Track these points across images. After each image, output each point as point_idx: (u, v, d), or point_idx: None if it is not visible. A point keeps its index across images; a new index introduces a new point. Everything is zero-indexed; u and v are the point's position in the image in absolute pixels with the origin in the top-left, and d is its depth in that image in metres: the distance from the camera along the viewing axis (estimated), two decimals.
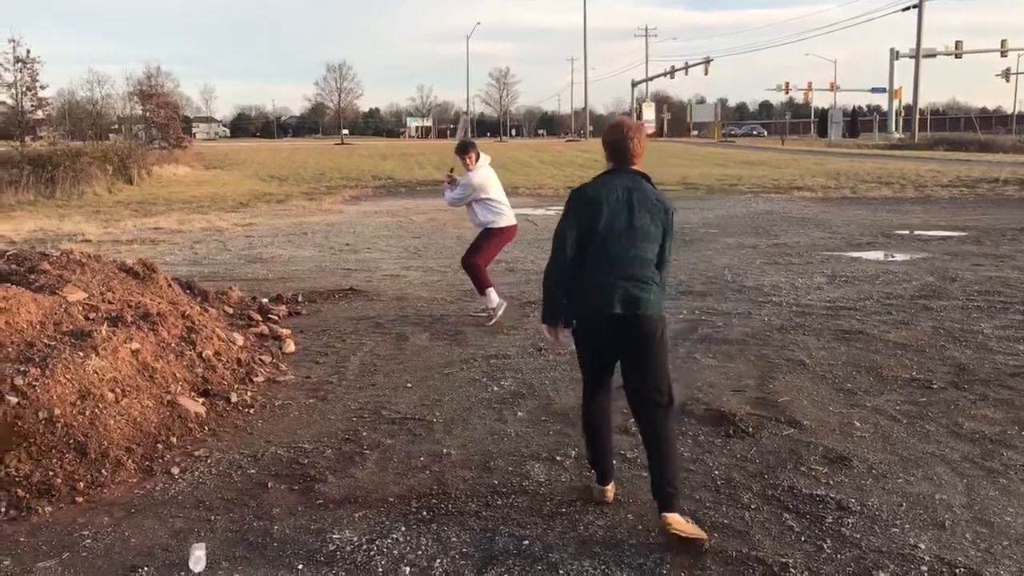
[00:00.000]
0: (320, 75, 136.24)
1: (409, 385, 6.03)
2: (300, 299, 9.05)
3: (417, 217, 18.12)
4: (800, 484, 4.23)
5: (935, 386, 5.77)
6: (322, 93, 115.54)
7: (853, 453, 4.60)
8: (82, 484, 4.30)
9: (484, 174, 8.09)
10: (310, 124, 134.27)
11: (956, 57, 74.30)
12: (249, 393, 5.80)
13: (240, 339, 6.72)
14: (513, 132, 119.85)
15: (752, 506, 4.01)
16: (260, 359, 6.50)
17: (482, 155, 8.17)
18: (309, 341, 7.35)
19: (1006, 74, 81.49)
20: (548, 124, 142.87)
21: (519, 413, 5.36)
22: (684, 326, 7.65)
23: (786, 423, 5.10)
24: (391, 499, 4.14)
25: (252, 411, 5.49)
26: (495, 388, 5.90)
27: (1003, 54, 76.78)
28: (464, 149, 8.23)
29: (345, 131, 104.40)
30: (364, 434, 5.05)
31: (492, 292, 8.10)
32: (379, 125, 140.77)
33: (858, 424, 5.06)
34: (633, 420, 5.08)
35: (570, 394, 5.68)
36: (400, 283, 10.17)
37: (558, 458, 4.61)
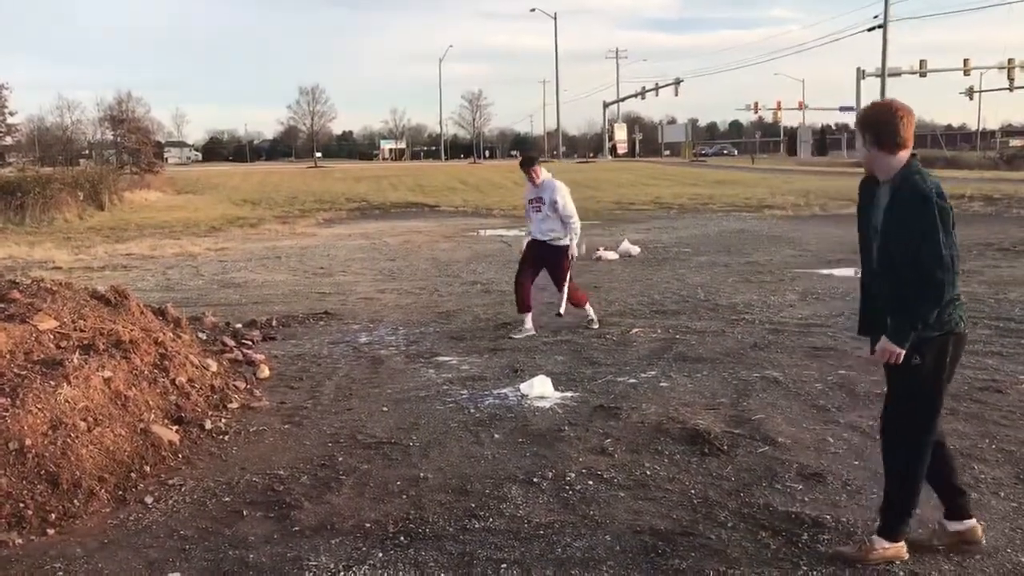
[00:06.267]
0: (293, 98, 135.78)
1: (385, 409, 6.01)
2: (274, 324, 9.01)
3: (391, 239, 18.11)
4: (776, 501, 4.26)
5: None
6: (295, 116, 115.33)
7: (827, 469, 4.64)
8: (54, 515, 4.24)
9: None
10: (283, 147, 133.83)
11: (921, 76, 75.54)
12: (223, 420, 5.76)
13: (214, 365, 6.67)
14: (487, 153, 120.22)
15: (729, 524, 4.03)
16: (234, 385, 6.46)
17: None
18: (284, 366, 7.31)
19: (969, 92, 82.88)
20: (522, 145, 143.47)
21: (496, 435, 5.36)
22: (658, 344, 7.70)
23: (761, 440, 5.14)
24: (368, 524, 4.12)
25: (226, 438, 5.45)
26: (472, 410, 5.89)
27: (966, 73, 78.13)
28: (531, 162, 8.43)
29: (318, 154, 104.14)
30: (340, 459, 5.02)
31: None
32: (353, 147, 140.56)
33: (832, 440, 5.11)
34: (612, 441, 5.12)
35: (547, 416, 5.70)
36: (375, 306, 10.15)
37: (535, 480, 4.61)
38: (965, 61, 76.42)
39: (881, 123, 3.50)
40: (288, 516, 4.24)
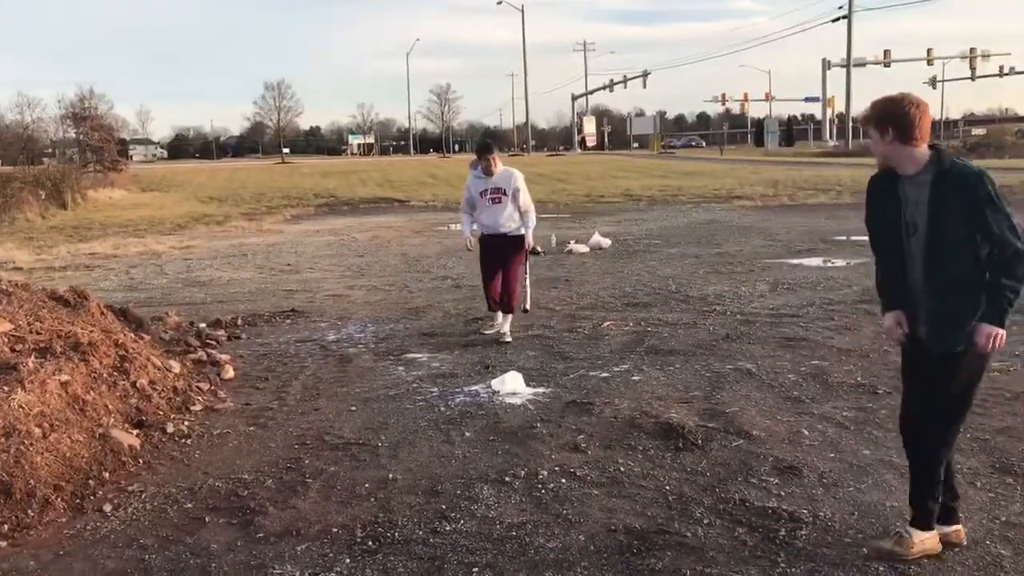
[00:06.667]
0: (259, 94, 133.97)
1: (353, 408, 5.88)
2: (240, 323, 8.83)
3: (360, 235, 17.91)
4: (752, 496, 4.19)
5: (880, 391, 5.81)
6: (261, 112, 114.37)
7: (803, 462, 4.59)
8: (6, 527, 4.07)
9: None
10: (250, 144, 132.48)
11: (885, 66, 76.39)
12: (186, 423, 5.59)
13: (177, 366, 6.49)
14: (456, 148, 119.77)
15: (705, 521, 3.95)
16: (198, 387, 6.29)
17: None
18: (249, 366, 7.15)
19: (932, 82, 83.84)
20: (491, 139, 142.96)
21: (467, 433, 5.25)
22: (630, 338, 7.62)
23: (735, 434, 5.07)
24: (335, 529, 3.99)
25: (189, 441, 5.29)
26: (442, 408, 5.78)
27: (929, 63, 79.08)
28: (489, 149, 7.94)
29: (286, 150, 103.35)
30: (306, 462, 4.89)
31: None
32: (320, 143, 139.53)
33: (807, 432, 5.06)
34: (585, 438, 5.03)
35: (519, 413, 5.60)
36: (343, 303, 9.99)
37: (507, 479, 4.50)
38: (928, 51, 77.36)
39: (899, 116, 3.39)
40: (252, 522, 4.10)
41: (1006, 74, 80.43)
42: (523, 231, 7.86)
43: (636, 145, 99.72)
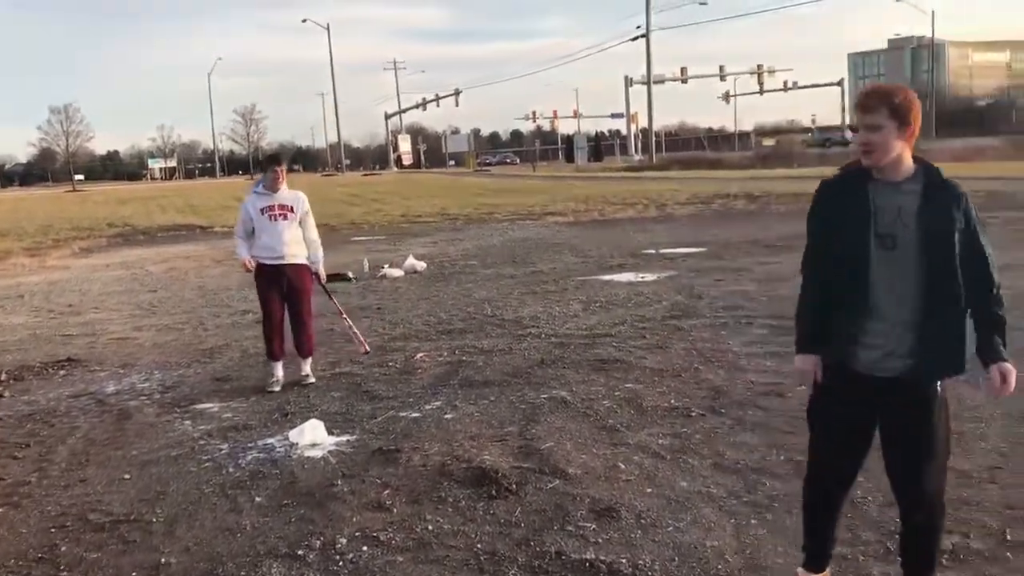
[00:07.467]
0: (44, 118, 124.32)
1: (127, 476, 5.15)
2: (3, 378, 7.77)
3: (155, 267, 16.63)
4: (568, 547, 3.88)
5: (694, 414, 5.69)
6: (47, 137, 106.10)
7: (620, 502, 4.33)
8: None
9: None
10: (39, 171, 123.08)
11: (683, 82, 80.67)
12: None
13: None
14: None
15: None
16: None
17: None
18: (8, 431, 6.23)
19: (726, 96, 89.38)
20: (303, 159, 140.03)
21: (257, 499, 4.67)
22: (444, 370, 7.25)
23: (550, 473, 4.77)
24: None
25: None
26: (231, 469, 5.15)
27: (722, 78, 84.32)
28: (277, 160, 7.17)
29: (80, 176, 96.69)
30: (63, 549, 4.17)
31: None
32: (120, 168, 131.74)
33: (623, 467, 4.82)
34: (390, 492, 4.54)
35: (318, 468, 5.07)
36: (129, 347, 9.06)
37: (300, 552, 3.97)
38: (721, 67, 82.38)
39: (916, 111, 2.90)
40: None
41: (790, 88, 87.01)
42: (310, 260, 7.15)
43: (452, 163, 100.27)
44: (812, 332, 3.06)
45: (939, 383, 2.95)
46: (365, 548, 3.98)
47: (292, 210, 7.01)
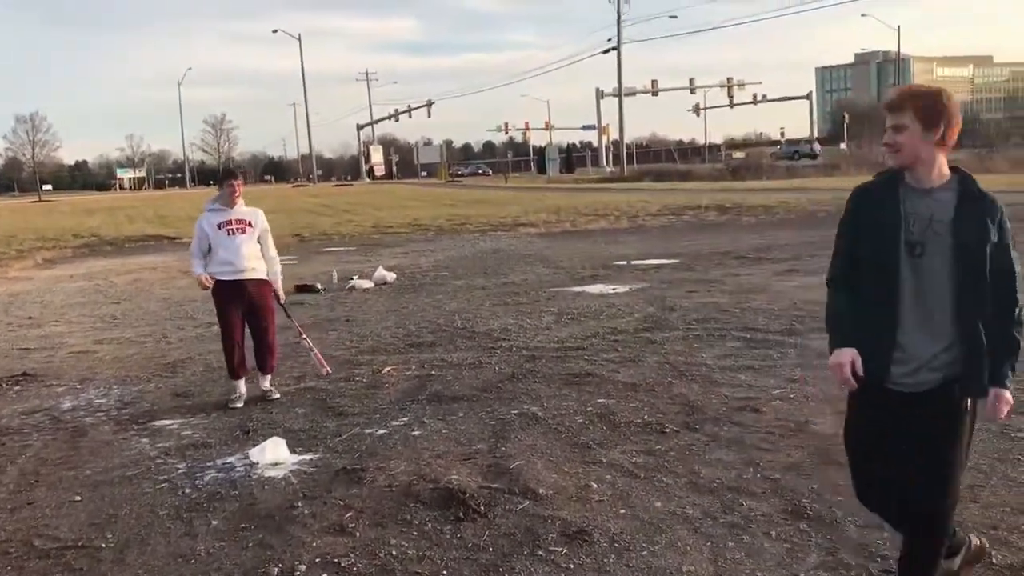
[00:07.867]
0: (9, 127, 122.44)
1: (78, 498, 4.92)
2: None
3: (119, 279, 16.30)
4: (538, 573, 3.72)
5: (668, 430, 5.55)
6: (13, 146, 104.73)
7: (593, 524, 4.18)
8: None
9: None
10: (5, 181, 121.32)
11: (653, 95, 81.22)
12: None
13: None
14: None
15: None
16: None
17: None
18: None
19: (696, 109, 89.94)
20: (275, 170, 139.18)
21: (213, 522, 4.46)
22: (412, 384, 7.07)
23: (520, 494, 4.60)
24: None
25: None
26: (188, 490, 4.94)
27: (692, 91, 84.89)
28: (233, 175, 6.90)
29: (48, 186, 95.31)
30: None
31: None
32: (88, 178, 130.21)
33: (596, 486, 4.67)
34: (353, 515, 4.35)
35: (278, 489, 4.87)
36: (88, 361, 8.78)
37: None
38: (691, 80, 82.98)
39: (952, 115, 2.81)
40: None
41: (759, 101, 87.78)
42: (269, 277, 6.94)
43: (424, 174, 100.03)
44: (844, 332, 2.92)
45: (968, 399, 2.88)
46: (325, 575, 3.80)
47: (251, 224, 6.82)
